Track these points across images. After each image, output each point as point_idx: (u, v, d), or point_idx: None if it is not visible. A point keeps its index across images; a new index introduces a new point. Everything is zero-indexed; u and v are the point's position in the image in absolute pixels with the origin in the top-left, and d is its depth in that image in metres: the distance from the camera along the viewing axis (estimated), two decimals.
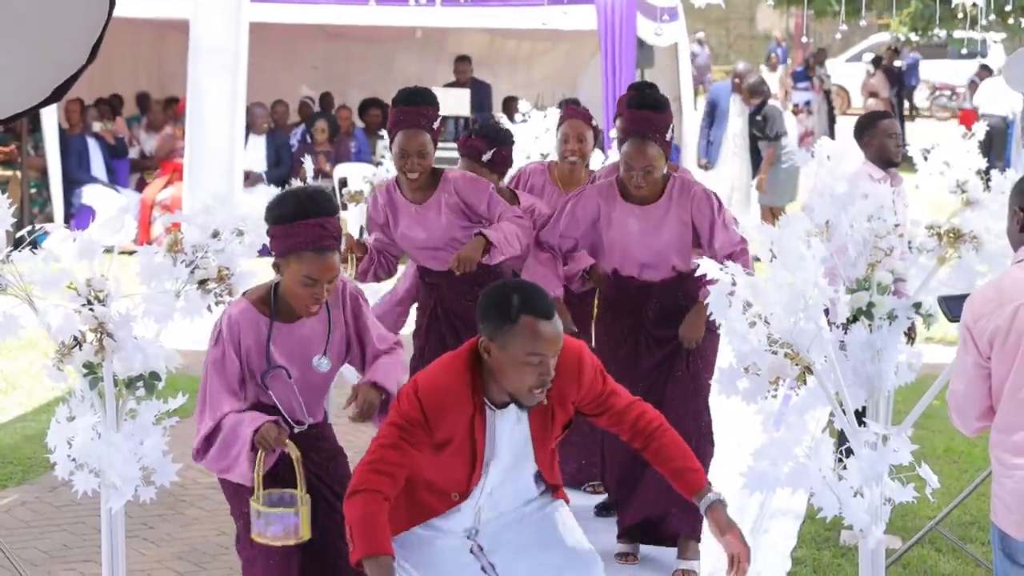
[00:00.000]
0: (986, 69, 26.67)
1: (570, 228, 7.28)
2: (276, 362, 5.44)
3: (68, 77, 4.78)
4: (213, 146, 15.65)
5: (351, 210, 8.65)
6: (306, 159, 8.75)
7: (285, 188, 7.88)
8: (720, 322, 5.06)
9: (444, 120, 7.57)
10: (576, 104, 9.14)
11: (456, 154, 8.45)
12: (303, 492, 5.33)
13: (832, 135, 23.46)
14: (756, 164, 17.75)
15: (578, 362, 5.08)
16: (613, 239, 7.20)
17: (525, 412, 5.05)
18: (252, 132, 17.62)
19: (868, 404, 5.72)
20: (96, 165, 17.87)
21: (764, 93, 17.60)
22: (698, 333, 7.11)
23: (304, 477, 5.34)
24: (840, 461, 5.09)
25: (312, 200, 5.40)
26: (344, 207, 8.57)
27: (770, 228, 5.08)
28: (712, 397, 7.19)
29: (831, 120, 26.01)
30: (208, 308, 5.81)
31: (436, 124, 7.32)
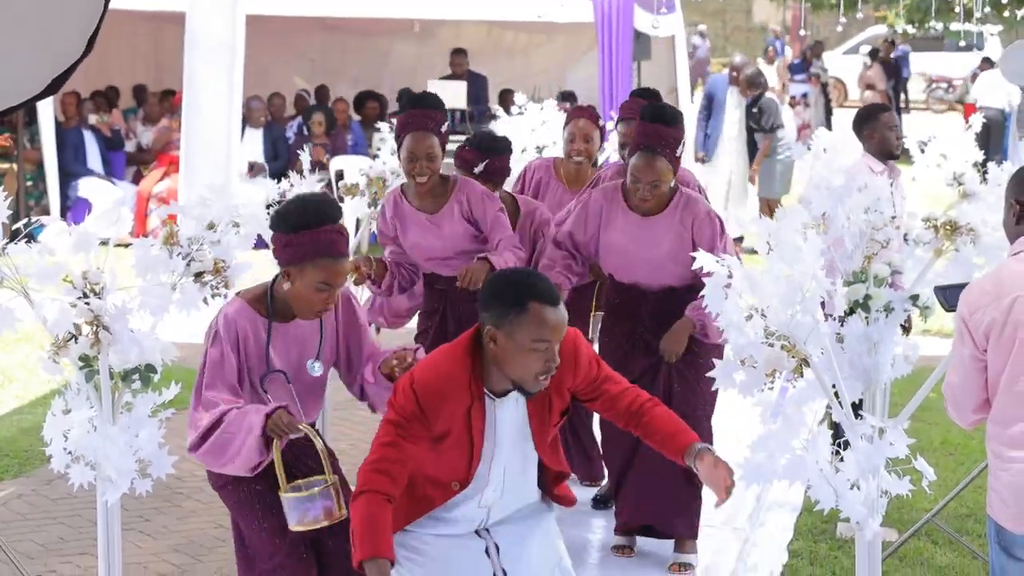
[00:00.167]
0: (988, 62, 26.67)
1: (578, 227, 7.26)
2: (274, 364, 5.43)
3: (64, 69, 4.76)
4: (210, 139, 15.63)
5: (347, 203, 8.64)
6: (303, 151, 8.74)
7: (281, 180, 7.90)
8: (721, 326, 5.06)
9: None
10: (573, 97, 9.14)
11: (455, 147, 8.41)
12: (329, 472, 5.32)
13: (829, 127, 23.47)
14: (753, 156, 17.74)
15: (574, 349, 5.08)
16: (611, 244, 7.17)
17: (523, 401, 5.05)
18: (249, 125, 17.61)
19: (865, 397, 5.72)
20: (92, 158, 17.87)
21: (761, 85, 17.60)
22: (679, 347, 7.05)
23: (327, 457, 5.33)
24: (836, 454, 5.09)
25: (327, 207, 5.44)
26: (341, 200, 8.57)
27: (767, 221, 5.08)
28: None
29: (828, 112, 26.04)
30: (204, 301, 5.80)
31: (444, 128, 7.29)
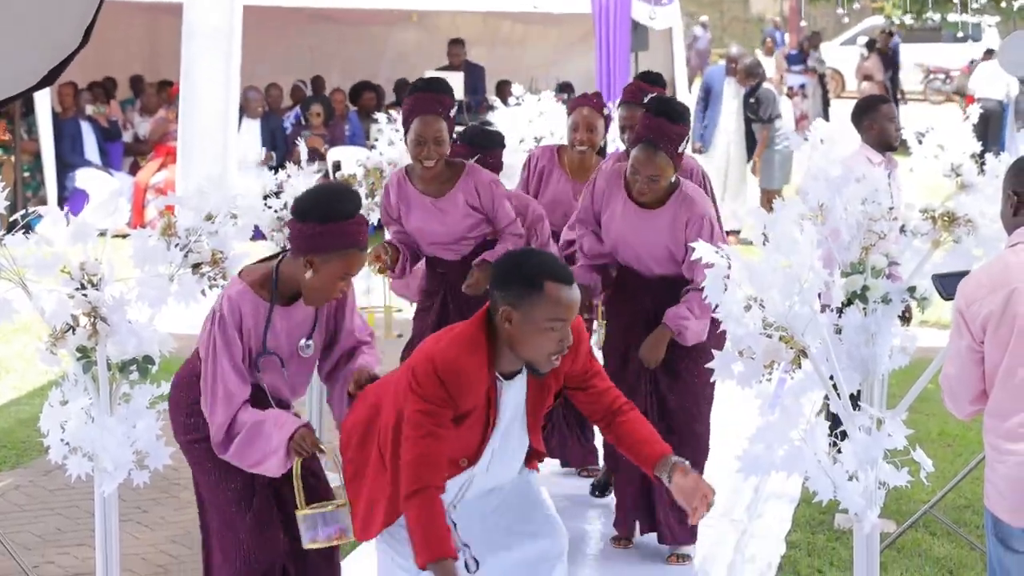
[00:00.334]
0: (991, 53, 26.67)
1: (587, 215, 7.26)
2: (271, 346, 5.43)
3: (61, 60, 4.76)
4: (207, 129, 15.63)
5: None
6: (299, 141, 8.74)
7: (278, 172, 7.89)
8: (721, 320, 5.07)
9: None
10: (570, 88, 9.11)
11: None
12: (344, 491, 5.34)
13: (826, 118, 23.45)
14: (750, 147, 17.74)
15: (578, 334, 5.10)
16: (609, 227, 7.16)
17: (525, 382, 5.06)
18: (246, 115, 17.59)
19: (863, 388, 5.71)
20: (90, 148, 17.86)
21: (759, 75, 17.59)
22: (656, 355, 7.02)
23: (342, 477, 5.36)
24: (834, 445, 5.09)
25: (355, 197, 5.43)
26: None
27: (764, 212, 5.08)
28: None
29: (825, 103, 26.02)
30: (202, 292, 5.80)
31: (452, 113, 7.27)
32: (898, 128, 8.40)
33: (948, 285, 5.19)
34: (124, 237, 5.74)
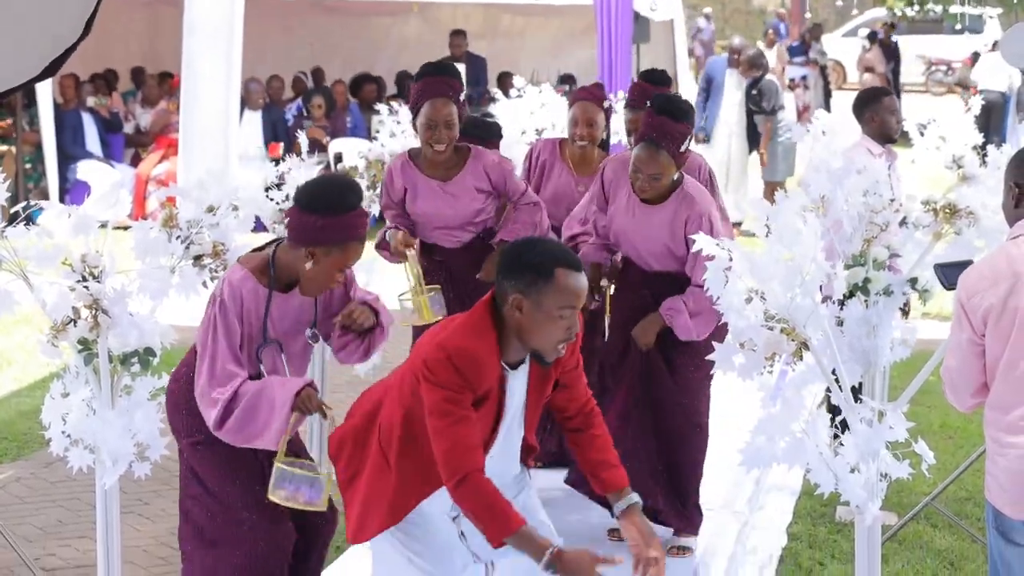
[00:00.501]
0: (997, 45, 26.59)
1: (600, 199, 7.27)
2: (271, 334, 5.42)
3: (62, 52, 4.76)
4: (208, 121, 15.62)
5: None
6: (300, 133, 8.72)
7: (279, 163, 7.87)
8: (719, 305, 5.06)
9: None
10: (572, 80, 9.06)
11: None
12: (328, 464, 5.33)
13: (828, 110, 23.44)
14: (752, 138, 17.72)
15: (580, 326, 5.09)
16: (612, 218, 7.15)
17: (527, 373, 5.05)
18: (248, 107, 17.60)
19: (864, 380, 5.71)
20: (91, 140, 17.86)
21: (763, 66, 17.58)
22: (648, 339, 7.02)
23: (327, 451, 5.34)
24: (836, 437, 5.09)
25: (358, 190, 5.44)
26: None
27: (767, 203, 5.07)
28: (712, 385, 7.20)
29: (827, 95, 26.00)
30: (204, 284, 5.80)
31: (462, 97, 7.25)
32: (899, 121, 8.39)
33: (950, 275, 5.18)
34: (125, 229, 5.73)
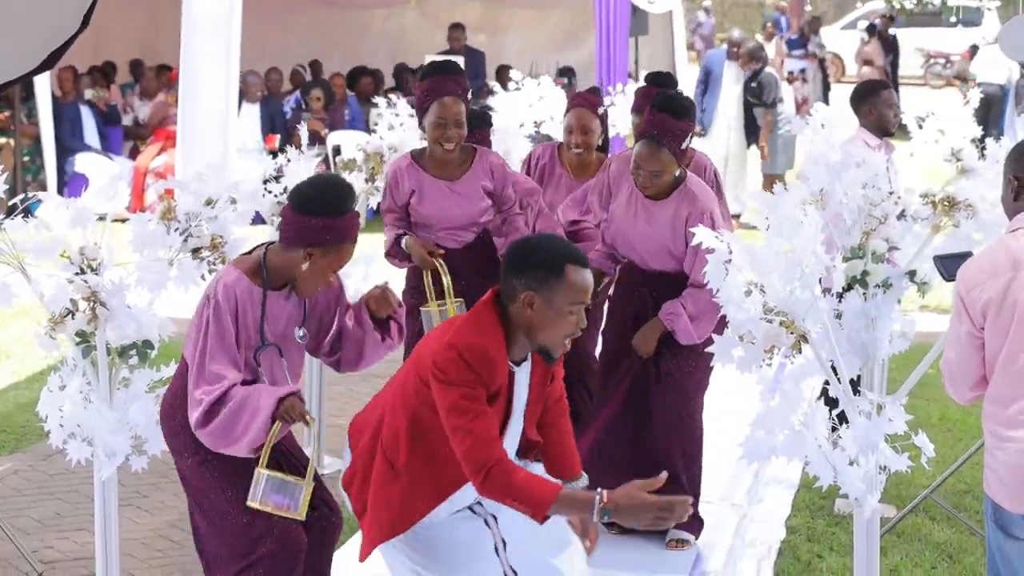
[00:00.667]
0: None
1: (605, 190, 7.26)
2: (268, 336, 5.41)
3: (60, 44, 4.75)
4: (207, 114, 15.57)
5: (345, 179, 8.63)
6: (300, 126, 8.72)
7: (277, 156, 7.86)
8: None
9: None
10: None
11: None
12: (311, 470, 5.33)
13: (827, 103, 23.42)
14: (750, 131, 17.71)
15: None
16: (613, 215, 7.14)
17: (529, 370, 5.05)
18: (246, 100, 17.57)
19: (863, 373, 5.71)
20: (89, 133, 17.85)
21: (762, 59, 17.57)
22: (648, 347, 7.02)
23: (313, 461, 5.34)
24: (834, 430, 5.08)
25: (351, 192, 5.43)
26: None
27: (767, 196, 5.07)
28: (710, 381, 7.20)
29: (826, 88, 25.98)
30: (202, 276, 5.79)
31: (468, 95, 7.23)
32: (897, 114, 8.40)
33: (949, 266, 5.18)
34: (123, 221, 5.73)
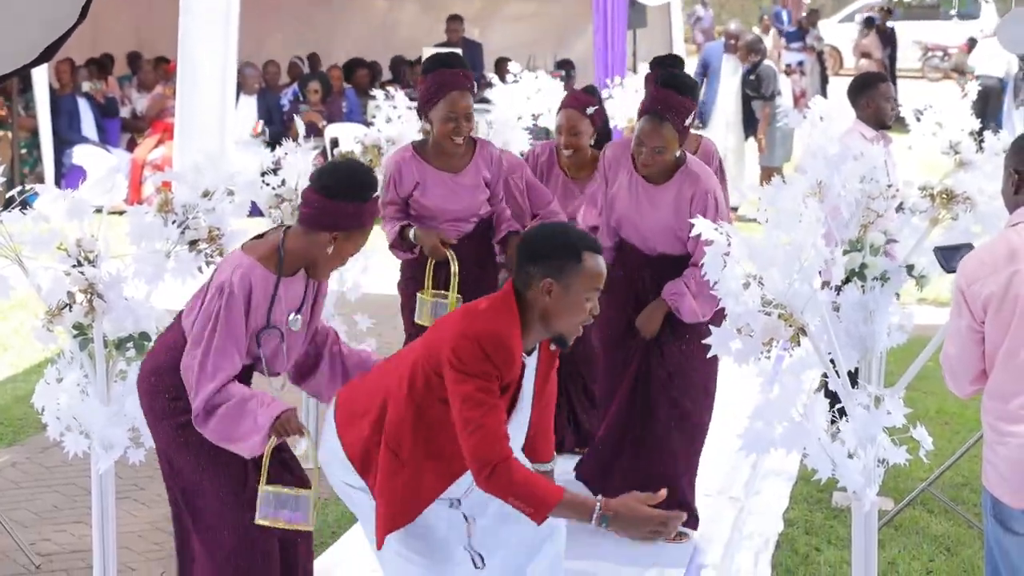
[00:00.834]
0: None
1: (599, 191, 7.25)
2: (274, 320, 5.39)
3: (58, 36, 4.74)
4: (204, 106, 15.56)
5: None
6: (297, 118, 8.69)
7: (275, 147, 7.84)
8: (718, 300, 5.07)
9: None
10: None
11: None
12: (316, 477, 5.32)
13: (825, 96, 23.41)
14: (748, 124, 17.70)
15: None
16: (613, 202, 7.14)
17: (536, 358, 5.05)
18: (243, 92, 17.55)
19: (860, 365, 5.71)
20: (87, 125, 17.84)
21: (761, 52, 17.58)
22: (652, 327, 7.00)
23: (317, 470, 5.34)
24: (833, 423, 5.08)
25: (374, 176, 5.45)
26: None
27: (767, 188, 5.06)
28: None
29: (823, 81, 25.99)
30: (199, 269, 5.78)
31: (475, 87, 7.23)
32: (894, 107, 8.40)
33: (950, 258, 5.17)
34: (121, 214, 5.73)
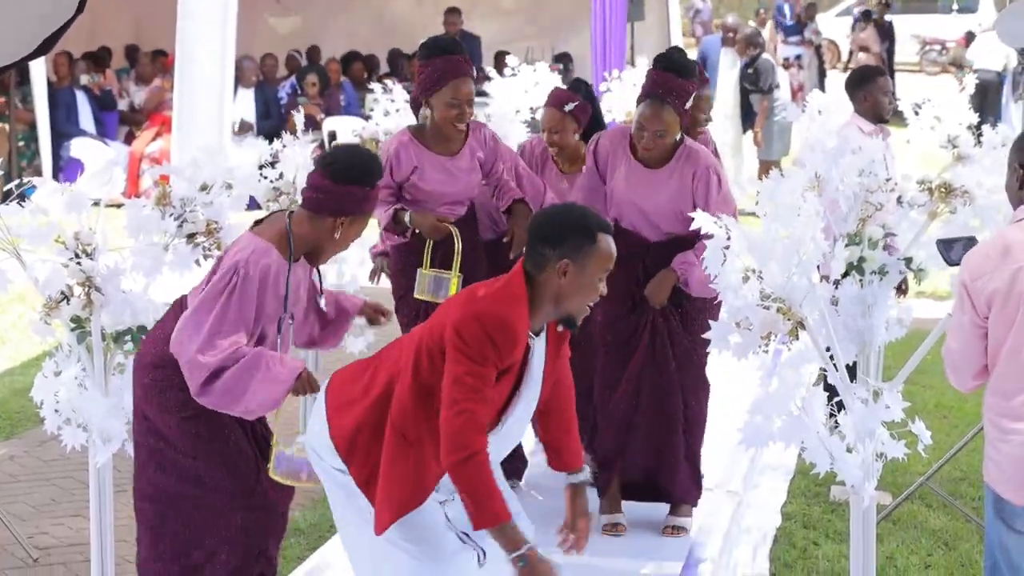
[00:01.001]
0: None
1: (593, 177, 7.22)
2: (289, 305, 5.38)
3: (56, 29, 4.75)
4: (202, 99, 15.59)
5: None
6: (296, 112, 8.69)
7: (273, 141, 7.83)
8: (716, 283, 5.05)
9: None
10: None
11: None
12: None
13: (823, 89, 23.40)
14: (746, 118, 17.69)
15: None
16: (614, 191, 7.12)
17: (544, 339, 5.04)
18: (240, 85, 17.55)
19: (859, 359, 5.70)
20: (84, 118, 17.82)
21: (760, 45, 17.57)
22: (661, 296, 6.98)
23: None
24: (831, 417, 5.08)
25: (379, 162, 5.47)
26: None
27: (765, 182, 5.06)
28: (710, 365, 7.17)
29: (821, 75, 25.96)
30: (197, 262, 5.77)
31: (475, 73, 7.23)
32: (892, 101, 8.40)
33: (952, 251, 5.17)
34: (119, 207, 5.71)
